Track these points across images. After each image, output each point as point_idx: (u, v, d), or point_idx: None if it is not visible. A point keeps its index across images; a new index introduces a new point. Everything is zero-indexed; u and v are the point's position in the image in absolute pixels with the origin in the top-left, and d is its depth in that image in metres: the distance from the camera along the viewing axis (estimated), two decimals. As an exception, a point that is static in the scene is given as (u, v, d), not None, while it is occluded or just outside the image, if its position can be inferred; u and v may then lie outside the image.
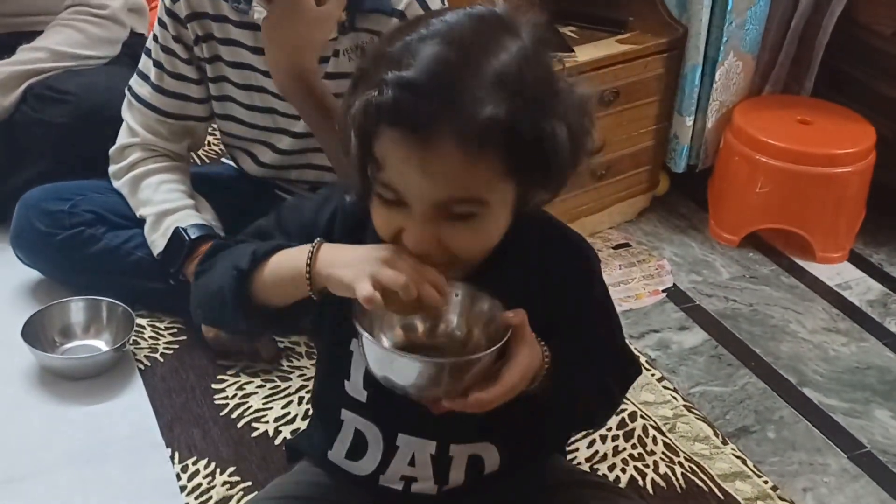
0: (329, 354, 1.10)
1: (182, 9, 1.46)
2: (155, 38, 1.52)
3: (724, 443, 1.50)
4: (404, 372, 0.90)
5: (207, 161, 2.15)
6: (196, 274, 1.08)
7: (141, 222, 1.57)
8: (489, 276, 0.97)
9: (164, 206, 1.54)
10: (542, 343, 0.96)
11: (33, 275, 1.70)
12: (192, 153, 1.70)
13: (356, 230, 0.99)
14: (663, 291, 1.92)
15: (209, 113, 1.59)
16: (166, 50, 1.51)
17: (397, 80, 0.83)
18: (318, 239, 0.96)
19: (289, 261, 0.97)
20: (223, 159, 2.00)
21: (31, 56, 1.76)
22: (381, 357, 0.92)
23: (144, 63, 1.55)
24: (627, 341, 1.19)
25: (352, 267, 0.90)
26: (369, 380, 1.03)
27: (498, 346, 0.91)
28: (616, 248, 2.07)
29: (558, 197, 0.96)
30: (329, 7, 1.33)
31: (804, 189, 1.99)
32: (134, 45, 1.78)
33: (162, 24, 1.49)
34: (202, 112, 1.58)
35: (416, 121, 0.83)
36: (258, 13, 1.40)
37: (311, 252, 0.94)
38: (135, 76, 1.57)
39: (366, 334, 0.90)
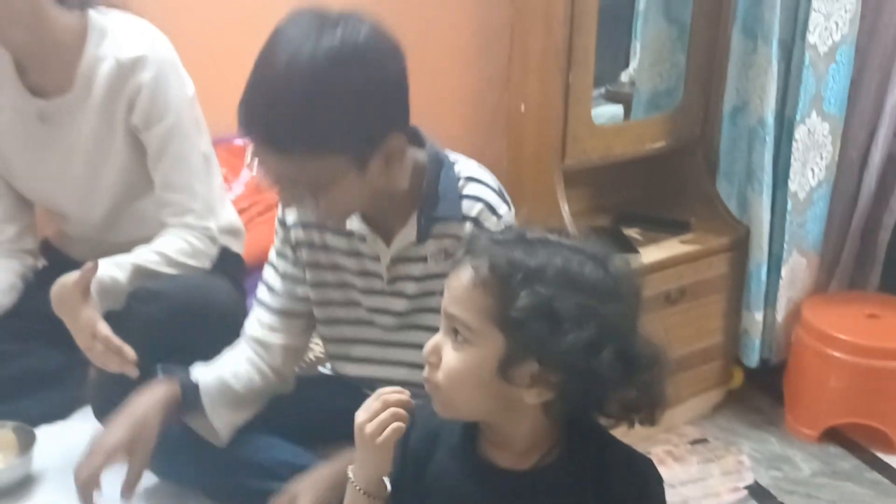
0: None
1: (289, 216, 1.60)
2: (274, 245, 1.66)
3: None
4: None
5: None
6: None
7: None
8: (548, 488, 1.02)
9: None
10: None
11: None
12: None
13: (429, 440, 1.06)
14: (744, 488, 1.90)
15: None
16: (280, 254, 1.64)
17: None
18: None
19: None
20: (319, 368, 2.06)
21: (149, 258, 1.91)
22: None
23: (265, 270, 1.68)
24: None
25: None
26: None
27: None
28: (693, 443, 2.07)
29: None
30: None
31: (879, 383, 1.99)
32: (224, 261, 1.92)
33: (276, 231, 1.64)
34: (306, 308, 1.67)
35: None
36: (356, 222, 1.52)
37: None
38: (259, 284, 1.70)
39: None
